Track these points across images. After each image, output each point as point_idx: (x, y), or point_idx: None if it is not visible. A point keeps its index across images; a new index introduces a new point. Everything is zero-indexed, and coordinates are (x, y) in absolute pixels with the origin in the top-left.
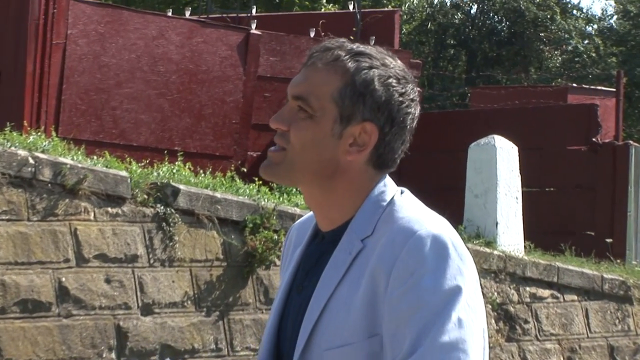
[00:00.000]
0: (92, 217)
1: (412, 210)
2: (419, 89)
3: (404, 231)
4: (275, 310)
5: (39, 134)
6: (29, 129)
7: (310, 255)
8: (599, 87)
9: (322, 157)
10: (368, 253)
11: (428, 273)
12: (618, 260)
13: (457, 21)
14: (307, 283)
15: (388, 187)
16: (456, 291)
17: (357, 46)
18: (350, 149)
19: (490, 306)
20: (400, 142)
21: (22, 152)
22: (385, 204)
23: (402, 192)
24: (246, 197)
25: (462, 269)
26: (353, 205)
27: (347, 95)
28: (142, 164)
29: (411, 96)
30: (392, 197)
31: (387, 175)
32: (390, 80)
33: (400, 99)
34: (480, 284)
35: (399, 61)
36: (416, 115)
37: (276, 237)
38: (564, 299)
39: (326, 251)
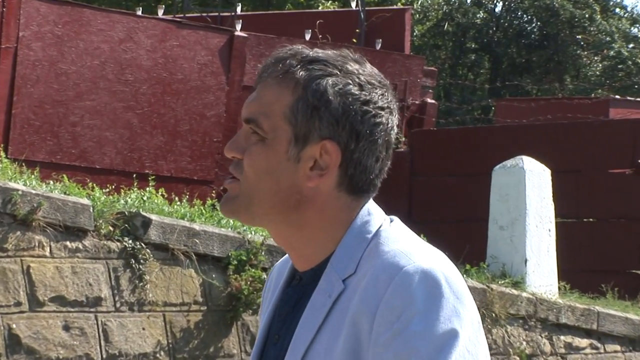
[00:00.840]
0: (47, 253)
1: (400, 243)
2: (433, 101)
3: (389, 267)
4: None
5: None
6: None
7: (287, 301)
8: None
9: (280, 185)
10: (350, 294)
11: (417, 315)
12: None
13: (478, 21)
14: (283, 332)
15: (373, 215)
16: (452, 335)
17: (314, 52)
18: (311, 174)
19: (517, 358)
20: (373, 159)
21: None
22: (370, 236)
23: (391, 221)
24: (230, 229)
25: (459, 310)
26: (331, 239)
27: (299, 110)
28: (107, 189)
29: (380, 104)
30: (379, 228)
31: (373, 202)
32: (348, 87)
33: (364, 108)
34: (507, 332)
35: (368, 66)
36: (390, 125)
37: (265, 276)
38: (604, 349)
39: (304, 295)
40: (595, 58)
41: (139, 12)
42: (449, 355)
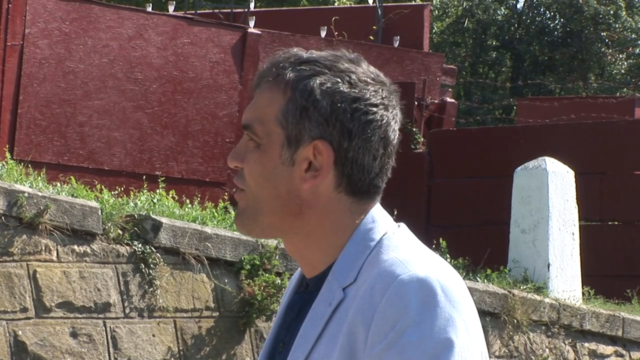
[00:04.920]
0: (54, 257)
1: (399, 251)
2: (453, 101)
3: (385, 276)
4: None
5: None
6: None
7: (292, 307)
8: None
9: (279, 191)
10: (349, 303)
11: (412, 325)
12: None
13: (500, 18)
14: (287, 339)
15: (378, 223)
16: (446, 345)
17: (309, 53)
18: (306, 175)
19: None
20: (370, 157)
21: None
22: (373, 243)
23: (398, 227)
24: None
25: (454, 318)
26: (335, 246)
27: (289, 112)
28: (116, 192)
29: (372, 100)
30: (382, 236)
31: (380, 208)
32: (337, 85)
33: (354, 105)
34: (529, 338)
35: (364, 65)
36: (385, 121)
37: (279, 281)
38: (630, 356)
39: (308, 301)
40: (621, 56)
41: (149, 9)
42: None
